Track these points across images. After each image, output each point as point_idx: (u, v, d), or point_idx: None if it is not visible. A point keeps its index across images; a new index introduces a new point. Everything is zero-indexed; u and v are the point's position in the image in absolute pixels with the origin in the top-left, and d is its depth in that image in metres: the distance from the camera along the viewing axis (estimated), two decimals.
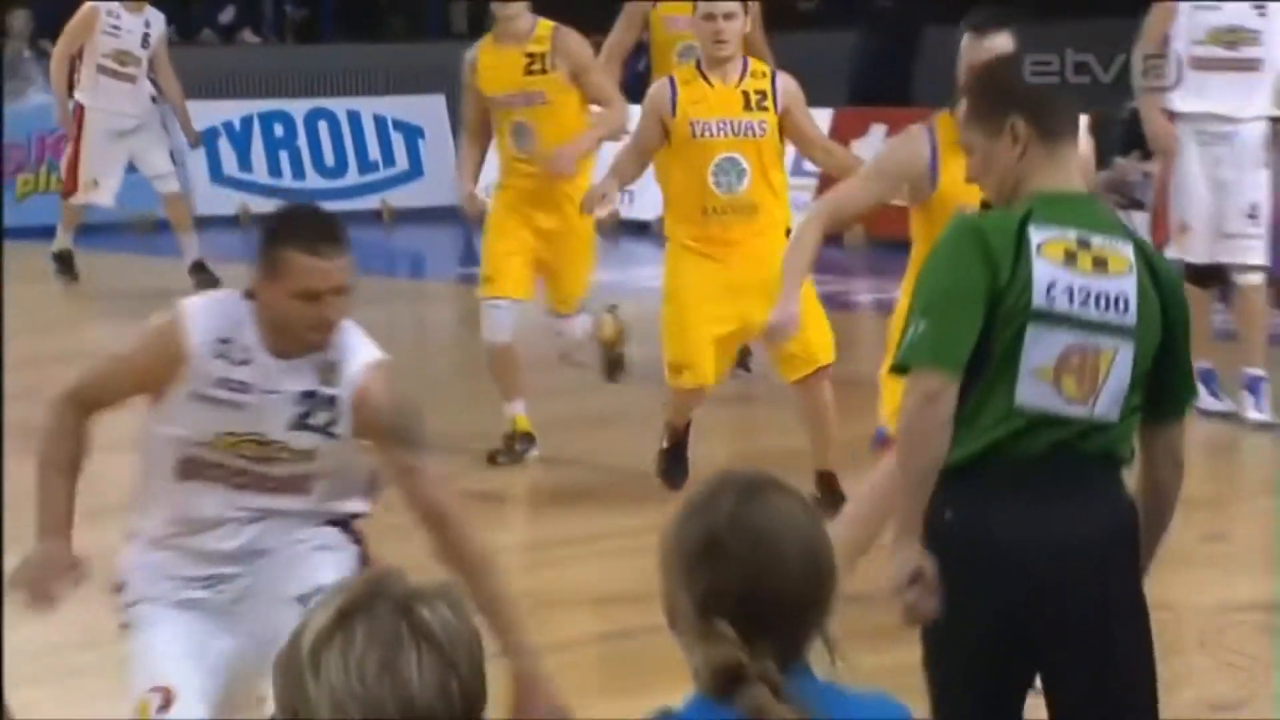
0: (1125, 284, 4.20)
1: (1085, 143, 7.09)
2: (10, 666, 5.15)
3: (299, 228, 4.34)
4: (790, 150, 8.85)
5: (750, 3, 8.62)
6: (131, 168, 14.00)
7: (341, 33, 20.06)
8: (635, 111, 8.96)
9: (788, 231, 8.26)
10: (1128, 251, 4.22)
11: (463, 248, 16.30)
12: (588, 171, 9.17)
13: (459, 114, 18.79)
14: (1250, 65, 9.49)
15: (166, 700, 4.49)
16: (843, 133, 16.61)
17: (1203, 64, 9.53)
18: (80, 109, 13.23)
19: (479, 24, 20.85)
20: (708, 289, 8.22)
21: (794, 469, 7.90)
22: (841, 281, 14.56)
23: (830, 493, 8.36)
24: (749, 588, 2.84)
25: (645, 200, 15.61)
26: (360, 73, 18.22)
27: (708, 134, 8.26)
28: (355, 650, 2.45)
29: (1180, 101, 9.26)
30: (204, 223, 17.10)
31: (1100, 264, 4.21)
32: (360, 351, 4.39)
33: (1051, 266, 4.18)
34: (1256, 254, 9.47)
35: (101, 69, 13.12)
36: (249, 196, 17.57)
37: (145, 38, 13.42)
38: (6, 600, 4.69)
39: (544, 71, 9.03)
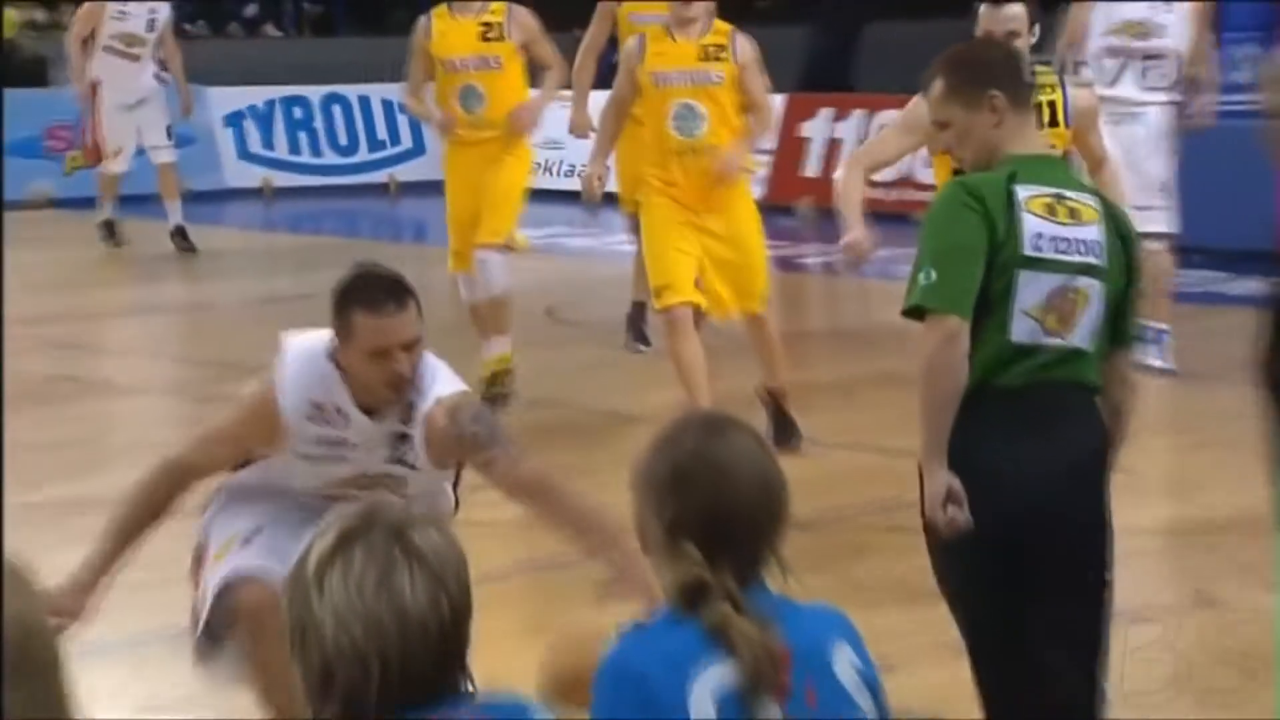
0: (1096, 232, 4.22)
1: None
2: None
3: (362, 290, 4.18)
4: None
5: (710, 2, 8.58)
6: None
7: (352, 26, 19.94)
8: (602, 98, 8.91)
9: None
10: (1095, 204, 4.25)
11: None
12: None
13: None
14: (1156, 54, 9.50)
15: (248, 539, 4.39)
16: (794, 115, 16.71)
17: (1115, 52, 9.54)
18: (94, 86, 13.20)
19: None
20: (675, 223, 8.17)
21: (750, 409, 7.95)
22: (793, 246, 14.46)
23: (779, 408, 8.45)
24: (711, 513, 2.82)
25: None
26: (369, 62, 18.18)
27: (667, 83, 8.21)
28: (355, 570, 2.43)
29: (1096, 88, 9.31)
30: (232, 194, 17.07)
31: (1075, 215, 4.22)
32: (433, 390, 4.23)
33: (1036, 219, 4.18)
34: (1163, 224, 9.53)
35: (108, 49, 13.14)
36: (271, 171, 17.73)
37: (151, 23, 13.36)
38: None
39: (500, 39, 9.09)
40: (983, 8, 7.01)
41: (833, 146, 16.22)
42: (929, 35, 11.02)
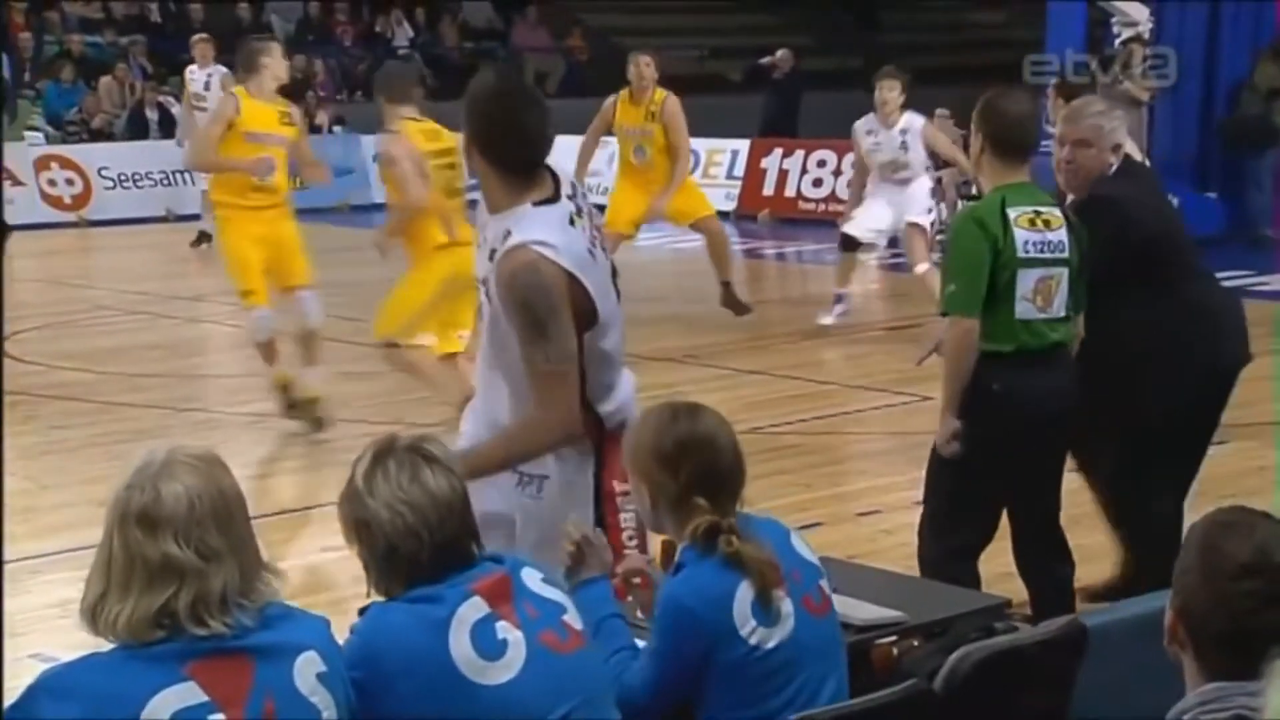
0: (1062, 235, 4.28)
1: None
2: None
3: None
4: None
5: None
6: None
7: (459, 94, 20.60)
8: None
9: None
10: (1059, 214, 4.32)
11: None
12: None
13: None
14: (906, 179, 9.78)
15: None
16: (756, 153, 16.65)
17: (882, 171, 9.72)
18: None
19: (541, 84, 21.78)
20: (632, 201, 9.69)
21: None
22: (756, 242, 14.90)
23: (730, 294, 9.98)
24: (710, 473, 2.87)
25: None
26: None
27: (626, 133, 9.78)
28: (391, 474, 2.46)
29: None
30: (378, 207, 13.64)
31: (1048, 224, 4.27)
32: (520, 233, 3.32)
33: (1024, 231, 4.23)
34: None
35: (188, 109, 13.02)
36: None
37: (207, 83, 12.88)
38: None
39: (292, 124, 7.72)
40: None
41: (782, 174, 16.61)
42: (847, 101, 12.53)
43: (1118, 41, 11.95)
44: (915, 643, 3.12)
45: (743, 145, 16.83)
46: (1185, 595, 2.13)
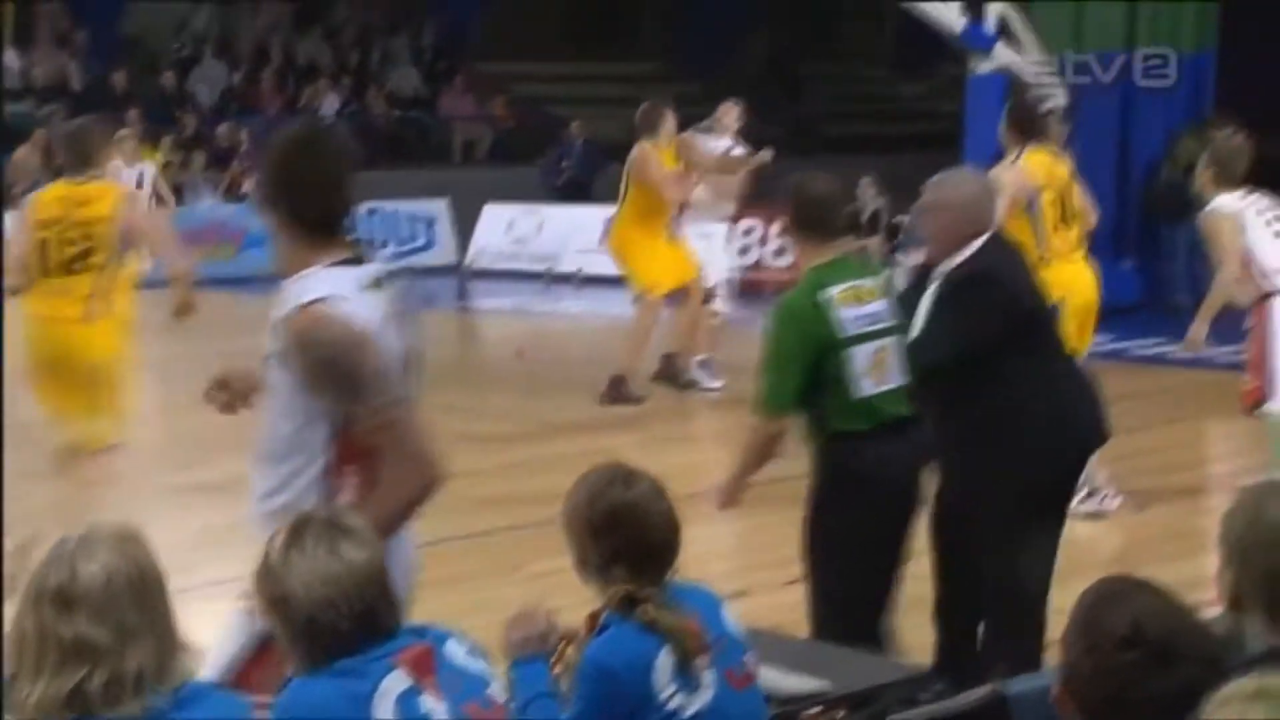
0: (882, 305, 4.31)
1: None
2: None
3: None
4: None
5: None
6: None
7: (386, 162, 20.93)
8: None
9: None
10: (878, 283, 4.36)
11: (456, 290, 16.77)
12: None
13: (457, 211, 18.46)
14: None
15: None
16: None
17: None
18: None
19: (470, 152, 22.02)
20: (656, 240, 9.75)
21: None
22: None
23: (670, 367, 10.11)
24: (636, 545, 2.88)
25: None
26: (398, 186, 17.95)
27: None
28: (308, 549, 2.44)
29: None
30: None
31: (867, 296, 4.29)
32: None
33: (846, 308, 4.24)
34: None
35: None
36: None
37: (140, 179, 12.75)
38: None
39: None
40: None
41: None
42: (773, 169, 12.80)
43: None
44: (841, 713, 3.15)
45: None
46: (1070, 666, 2.18)
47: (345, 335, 2.98)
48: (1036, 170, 7.31)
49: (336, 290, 3.01)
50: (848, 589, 4.26)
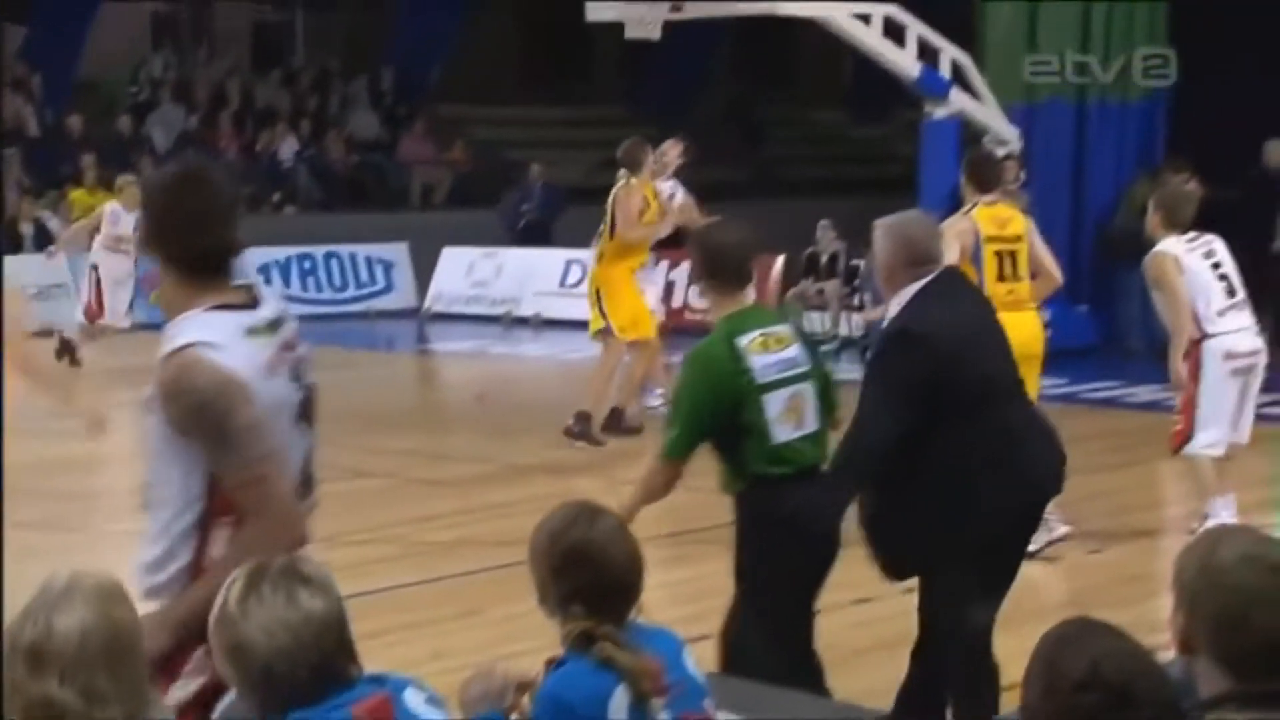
0: (796, 350, 4.33)
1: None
2: None
3: None
4: None
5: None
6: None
7: (344, 205, 20.48)
8: None
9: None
10: (789, 330, 4.41)
11: (415, 333, 16.85)
12: None
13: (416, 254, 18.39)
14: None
15: None
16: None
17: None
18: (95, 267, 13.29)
19: (429, 195, 22.05)
20: (633, 283, 9.83)
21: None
22: None
23: (618, 419, 9.93)
24: (594, 584, 2.89)
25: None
26: (354, 229, 18.26)
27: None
28: (265, 597, 2.41)
29: None
30: None
31: (779, 343, 4.30)
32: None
33: (759, 355, 4.25)
34: None
35: (105, 245, 13.35)
36: (288, 304, 17.13)
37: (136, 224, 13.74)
38: None
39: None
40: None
41: (668, 285, 16.09)
42: (733, 213, 12.77)
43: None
44: None
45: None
46: (1029, 708, 2.20)
47: (214, 383, 2.88)
48: (985, 223, 7.47)
49: (212, 335, 2.92)
50: (776, 629, 4.26)
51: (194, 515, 2.95)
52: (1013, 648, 4.17)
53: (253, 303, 3.04)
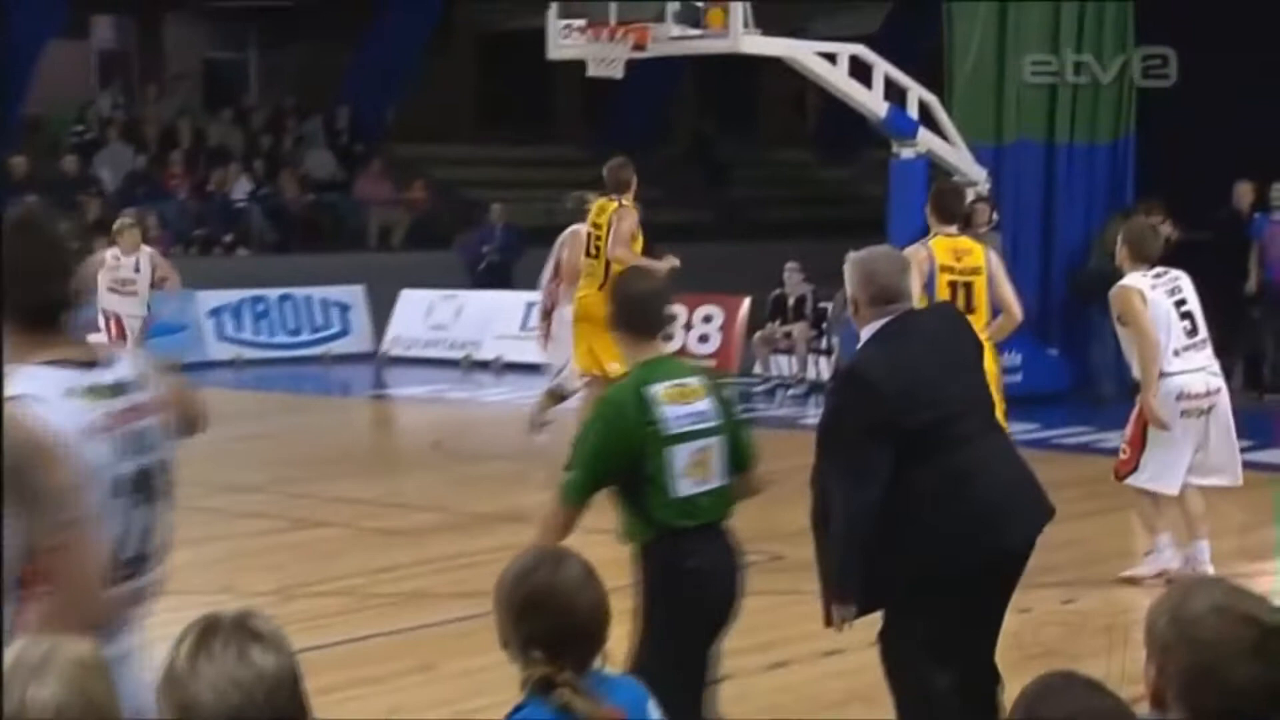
0: (707, 403, 4.34)
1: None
2: None
3: None
4: None
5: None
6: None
7: (298, 247, 20.59)
8: None
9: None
10: (701, 382, 4.40)
11: (372, 378, 16.95)
12: None
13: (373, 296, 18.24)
14: None
15: None
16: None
17: None
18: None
19: (386, 236, 22.04)
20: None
21: None
22: None
23: None
24: (556, 630, 2.90)
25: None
26: (311, 272, 18.27)
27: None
28: (216, 654, 2.39)
29: None
30: (212, 365, 16.26)
31: (692, 394, 4.32)
32: None
33: (670, 406, 4.27)
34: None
35: (109, 289, 13.17)
36: (241, 348, 17.39)
37: (137, 266, 13.19)
38: None
39: None
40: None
41: None
42: (699, 254, 12.86)
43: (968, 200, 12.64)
44: None
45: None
46: None
47: (28, 441, 2.80)
48: (942, 253, 7.52)
49: (35, 391, 2.86)
50: (679, 678, 4.22)
51: (11, 579, 2.86)
52: None
53: (90, 362, 3.00)
